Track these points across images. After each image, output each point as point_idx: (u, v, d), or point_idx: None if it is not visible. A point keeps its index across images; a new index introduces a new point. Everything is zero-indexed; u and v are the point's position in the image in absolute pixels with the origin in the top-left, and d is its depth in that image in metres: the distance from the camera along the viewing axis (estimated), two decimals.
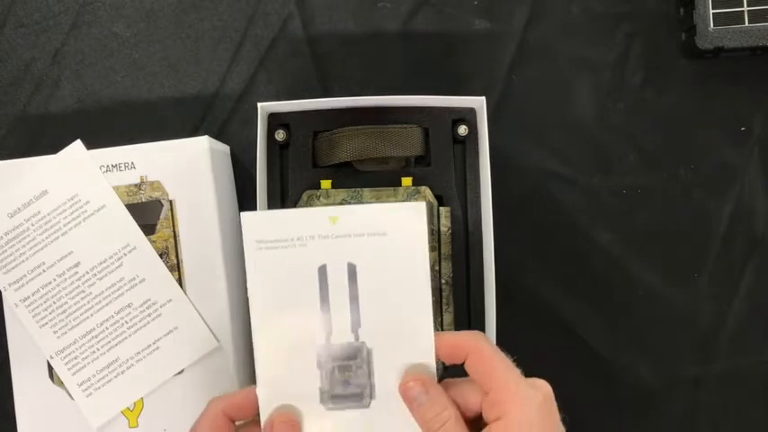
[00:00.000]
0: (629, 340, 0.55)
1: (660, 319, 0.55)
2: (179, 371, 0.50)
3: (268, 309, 0.38)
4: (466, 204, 0.51)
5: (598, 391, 0.55)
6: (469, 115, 0.51)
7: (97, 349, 0.49)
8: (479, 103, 0.49)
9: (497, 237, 0.48)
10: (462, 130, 0.50)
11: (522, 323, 0.53)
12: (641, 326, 0.55)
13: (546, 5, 0.56)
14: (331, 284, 0.38)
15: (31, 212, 0.49)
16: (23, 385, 0.50)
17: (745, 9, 0.53)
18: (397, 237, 0.38)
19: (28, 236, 0.49)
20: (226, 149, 0.55)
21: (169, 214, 0.50)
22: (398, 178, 0.50)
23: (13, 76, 0.56)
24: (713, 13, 0.53)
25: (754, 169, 0.55)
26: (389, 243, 0.38)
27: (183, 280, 0.50)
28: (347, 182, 0.50)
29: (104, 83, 0.56)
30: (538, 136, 0.55)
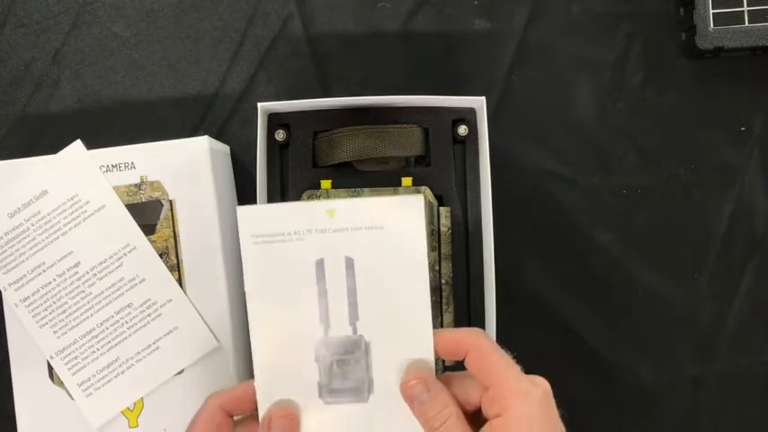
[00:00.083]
0: (629, 340, 0.55)
1: (660, 319, 0.55)
2: (179, 371, 0.50)
3: (265, 303, 0.38)
4: (466, 204, 0.51)
5: (598, 391, 0.55)
6: (469, 115, 0.51)
7: (97, 349, 0.49)
8: (479, 103, 0.49)
9: (497, 237, 0.48)
10: (462, 130, 0.50)
11: (522, 323, 0.52)
12: (641, 326, 0.55)
13: (546, 5, 0.56)
14: (328, 278, 0.38)
15: (31, 212, 0.49)
16: (23, 385, 0.50)
17: (745, 9, 0.53)
18: (395, 230, 0.38)
19: (28, 236, 0.49)
20: (226, 149, 0.55)
21: (169, 214, 0.50)
22: (398, 178, 0.50)
23: (13, 76, 0.56)
24: (713, 13, 0.53)
25: (754, 169, 0.55)
26: (387, 236, 0.38)
27: (183, 280, 0.50)
28: (347, 182, 0.50)
29: (104, 83, 0.56)
30: (538, 136, 0.55)
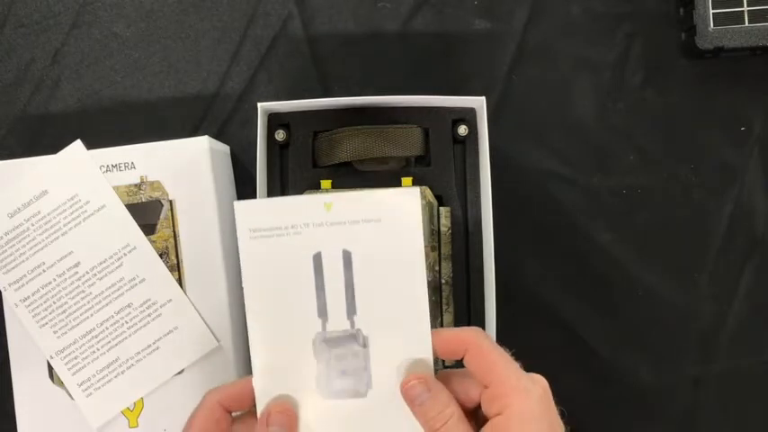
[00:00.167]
0: (629, 340, 0.55)
1: (660, 319, 0.55)
2: (179, 371, 0.50)
3: (263, 297, 0.38)
4: (466, 204, 0.51)
5: (598, 391, 0.55)
6: (469, 115, 0.51)
7: (97, 349, 0.49)
8: (479, 103, 0.49)
9: (497, 237, 0.48)
10: (462, 130, 0.50)
11: (522, 323, 0.52)
12: (641, 326, 0.55)
13: (546, 5, 0.56)
14: (326, 272, 0.38)
15: (31, 212, 0.49)
16: (23, 385, 0.50)
17: (745, 9, 0.53)
18: (392, 222, 0.38)
19: (28, 236, 0.49)
20: (226, 149, 0.55)
21: (169, 214, 0.50)
22: (398, 178, 0.50)
23: (13, 76, 0.56)
24: (713, 13, 0.53)
25: (754, 169, 0.55)
26: (384, 229, 0.38)
27: (183, 280, 0.50)
28: (347, 182, 0.50)
29: (104, 83, 0.56)
30: (538, 136, 0.55)
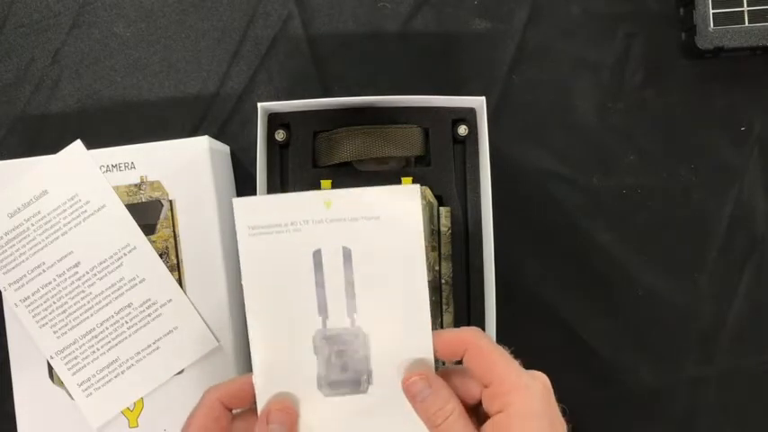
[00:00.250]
0: (629, 340, 0.55)
1: (660, 319, 0.55)
2: (179, 371, 0.50)
3: (262, 295, 0.38)
4: (466, 204, 0.51)
5: (598, 391, 0.55)
6: (469, 115, 0.51)
7: (97, 349, 0.49)
8: (479, 103, 0.49)
9: (497, 237, 0.48)
10: (462, 130, 0.50)
11: (522, 323, 0.52)
12: (641, 326, 0.55)
13: (546, 5, 0.56)
14: (326, 269, 0.38)
15: (31, 212, 0.49)
16: (23, 385, 0.50)
17: (745, 9, 0.53)
18: (392, 219, 0.38)
19: (28, 236, 0.49)
20: (226, 149, 0.55)
21: (169, 214, 0.50)
22: (398, 178, 0.50)
23: (13, 75, 0.56)
24: (713, 13, 0.53)
25: (753, 169, 0.55)
26: (384, 226, 0.38)
27: (183, 280, 0.50)
28: (347, 182, 0.50)
29: (104, 83, 0.56)
30: (538, 136, 0.55)
